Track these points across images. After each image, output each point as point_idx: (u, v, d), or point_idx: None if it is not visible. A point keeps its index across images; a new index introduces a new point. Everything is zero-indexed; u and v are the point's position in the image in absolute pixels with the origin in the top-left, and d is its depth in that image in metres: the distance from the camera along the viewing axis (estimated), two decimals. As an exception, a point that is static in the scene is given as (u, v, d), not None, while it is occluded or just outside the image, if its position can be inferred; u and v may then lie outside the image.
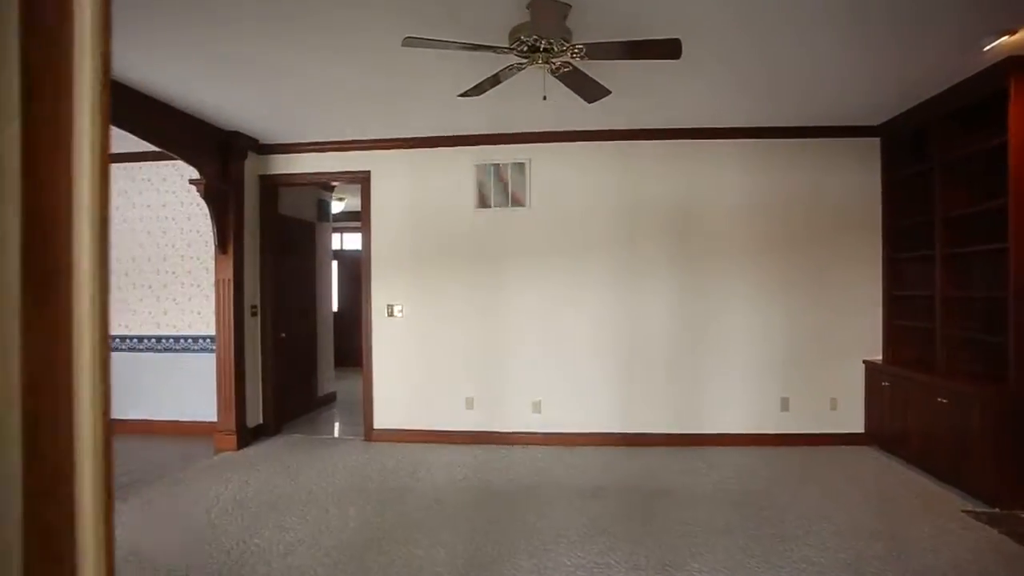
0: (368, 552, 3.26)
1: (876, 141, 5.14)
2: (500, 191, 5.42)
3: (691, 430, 5.29)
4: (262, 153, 5.70)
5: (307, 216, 7.00)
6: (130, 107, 4.24)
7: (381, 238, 5.60)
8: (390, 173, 5.56)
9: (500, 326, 5.44)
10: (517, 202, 5.41)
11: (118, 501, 4.07)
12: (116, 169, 6.05)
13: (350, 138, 5.49)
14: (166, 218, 5.96)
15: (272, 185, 5.80)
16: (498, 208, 5.44)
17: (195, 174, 5.07)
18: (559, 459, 4.96)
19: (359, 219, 5.79)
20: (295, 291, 6.61)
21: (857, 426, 5.22)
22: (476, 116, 4.89)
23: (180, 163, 5.30)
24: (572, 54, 2.88)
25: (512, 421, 5.43)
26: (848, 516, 3.68)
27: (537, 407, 5.40)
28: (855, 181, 5.19)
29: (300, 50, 3.54)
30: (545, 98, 3.04)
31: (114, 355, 6.01)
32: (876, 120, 4.99)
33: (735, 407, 5.28)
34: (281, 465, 4.81)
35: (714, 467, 4.69)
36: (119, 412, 6.05)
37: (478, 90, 3.38)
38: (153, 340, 6.00)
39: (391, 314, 5.58)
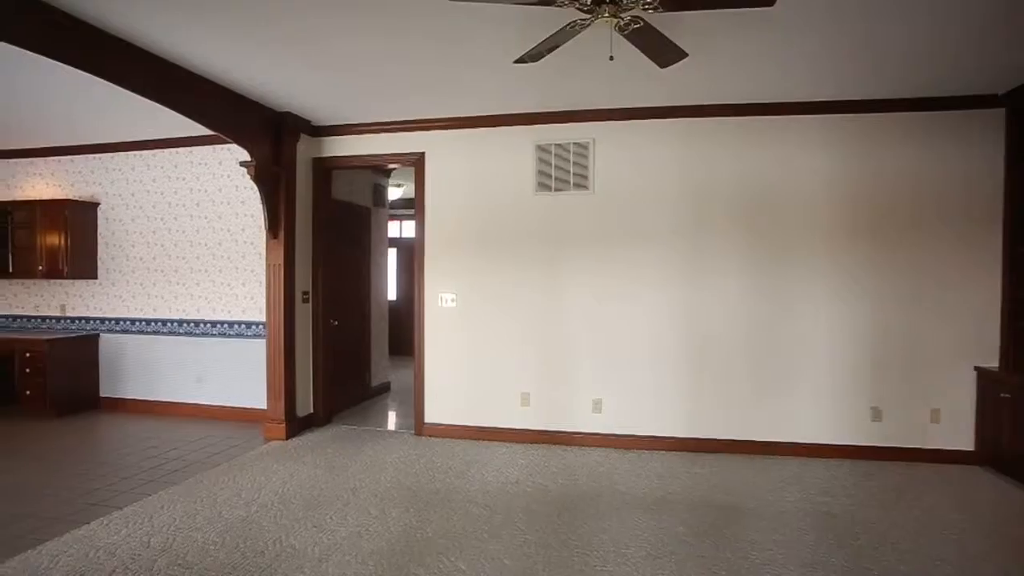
0: (408, 563, 2.98)
1: (1000, 112, 4.43)
2: (562, 174, 5.04)
3: (764, 437, 4.78)
4: (315, 135, 5.52)
5: (362, 201, 6.82)
6: (180, 87, 4.09)
7: (434, 223, 5.33)
8: (445, 154, 5.27)
9: (558, 319, 5.08)
10: (580, 186, 5.01)
11: (165, 487, 3.98)
12: (173, 154, 6.05)
13: (404, 118, 5.23)
14: (222, 202, 5.89)
15: (325, 168, 5.62)
16: (559, 192, 5.05)
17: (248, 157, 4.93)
18: (619, 463, 4.56)
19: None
20: (349, 278, 6.45)
21: (965, 443, 4.56)
22: (534, 93, 4.53)
23: (235, 147, 5.17)
24: (644, 5, 2.47)
25: (570, 420, 5.06)
26: (965, 556, 3.13)
27: (597, 406, 5.01)
28: (969, 161, 4.50)
29: (353, 24, 3.27)
30: (612, 58, 2.64)
31: (172, 338, 6.05)
32: (1002, 87, 4.28)
33: (816, 415, 4.73)
34: (327, 458, 4.63)
35: (794, 481, 4.18)
36: (175, 395, 6.07)
37: (535, 55, 3.01)
38: (208, 325, 5.97)
39: (444, 304, 5.30)
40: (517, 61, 3.12)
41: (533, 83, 4.27)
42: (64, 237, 6.10)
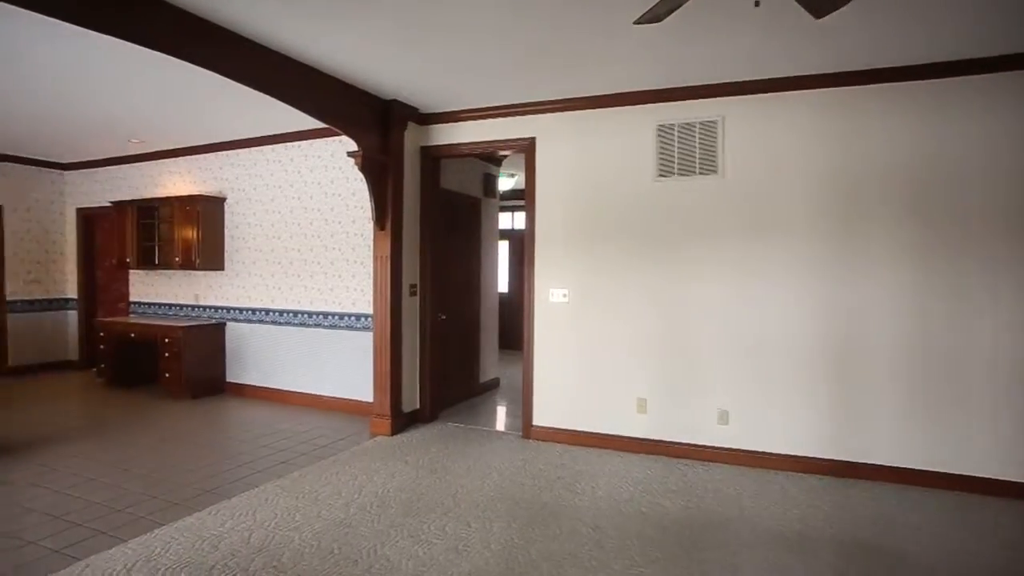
0: (506, 590, 2.68)
1: None
2: (686, 157, 4.51)
3: (927, 465, 3.98)
4: (423, 123, 5.37)
5: (472, 191, 6.63)
6: (290, 78, 4.05)
7: (545, 212, 4.99)
8: (557, 139, 4.91)
9: (681, 319, 4.56)
10: (707, 170, 4.46)
11: (272, 479, 3.98)
12: (289, 148, 6.17)
13: (514, 101, 4.92)
14: (333, 195, 5.93)
15: (433, 157, 5.46)
16: (683, 177, 4.53)
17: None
18: (749, 484, 4.00)
19: (522, 193, 5.24)
20: (458, 270, 6.29)
21: None
22: (655, 67, 4.05)
23: (346, 138, 5.13)
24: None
25: (691, 431, 4.54)
26: None
27: (723, 417, 4.45)
28: None
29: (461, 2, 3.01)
30: (758, 3, 2.15)
31: (288, 329, 6.18)
32: None
33: (1007, 442, 3.86)
34: (430, 458, 4.46)
35: (985, 528, 3.41)
36: (291, 383, 6.22)
37: (658, 15, 2.56)
38: (321, 316, 6.04)
39: (555, 299, 4.96)
40: (637, 22, 2.68)
41: (656, 53, 3.80)
42: (196, 231, 6.43)
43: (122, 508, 3.55)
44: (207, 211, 6.48)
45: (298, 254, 6.16)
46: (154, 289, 7.38)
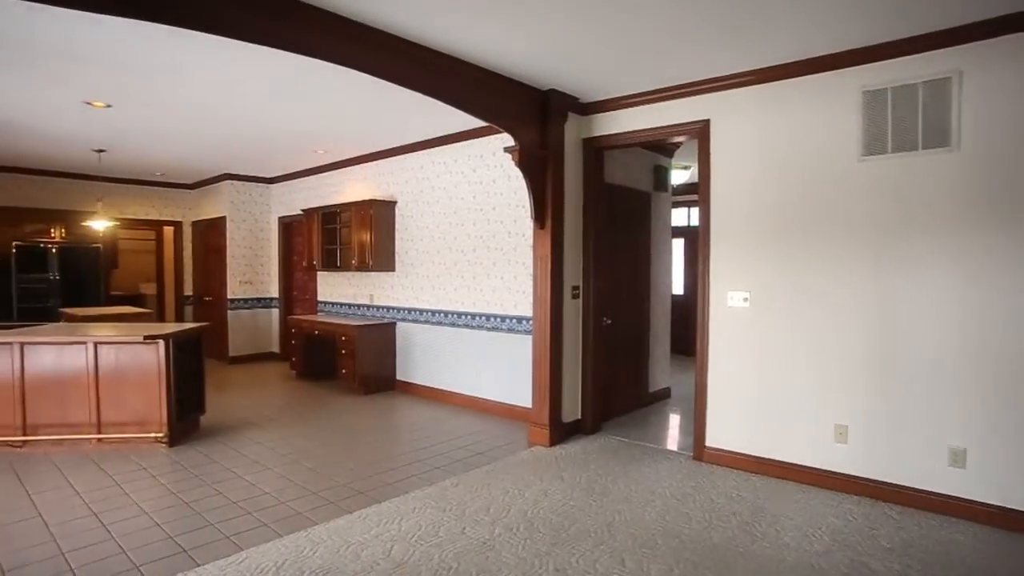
0: (664, 656, 2.20)
1: None
2: (903, 127, 3.60)
3: None
4: (583, 113, 5.00)
5: (641, 185, 6.11)
6: (443, 75, 3.92)
7: (723, 204, 4.34)
8: (734, 119, 4.24)
9: (893, 327, 3.65)
10: (934, 143, 3.51)
11: (423, 485, 3.87)
12: (453, 149, 6.17)
13: (684, 80, 4.35)
14: (495, 193, 5.79)
15: (596, 149, 5.07)
16: (899, 153, 3.62)
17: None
18: (1001, 552, 3.03)
19: (694, 182, 4.63)
20: (625, 271, 5.82)
21: None
22: (859, 22, 3.25)
23: (508, 136, 4.95)
24: None
25: (911, 471, 3.61)
26: None
27: (958, 458, 3.46)
28: None
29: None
30: None
31: (452, 330, 6.16)
32: None
33: None
34: (588, 477, 4.07)
35: None
36: (454, 384, 6.21)
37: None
38: (482, 318, 5.94)
39: (734, 303, 4.29)
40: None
41: (858, 7, 3.03)
42: (369, 234, 6.72)
43: (286, 500, 3.66)
44: (379, 215, 6.75)
45: (461, 255, 6.14)
46: (337, 289, 7.90)
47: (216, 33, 2.97)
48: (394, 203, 6.89)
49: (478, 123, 5.56)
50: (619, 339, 5.67)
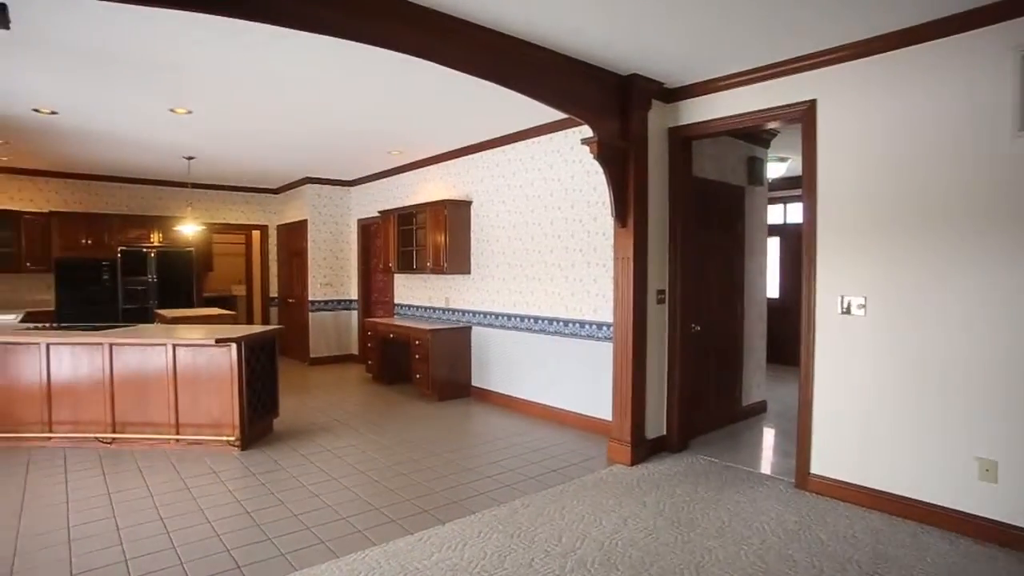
0: None
1: None
2: (1070, 97, 2.94)
3: None
4: (668, 100, 4.56)
5: (733, 179, 5.57)
6: (512, 60, 3.62)
7: (832, 198, 3.78)
8: (847, 97, 3.66)
9: (1061, 342, 2.99)
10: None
11: (492, 505, 3.59)
12: (530, 145, 5.89)
13: (783, 57, 3.83)
14: (573, 190, 5.44)
15: (683, 139, 4.61)
16: (1066, 128, 2.97)
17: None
18: None
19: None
20: (715, 273, 5.31)
21: None
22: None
23: (587, 128, 4.59)
24: None
25: (1082, 517, 2.94)
26: None
27: None
28: None
29: None
30: None
31: (529, 335, 5.84)
32: None
33: None
34: (674, 504, 3.63)
35: None
36: (529, 393, 5.91)
37: None
38: (561, 323, 5.60)
39: (846, 310, 3.72)
40: None
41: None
42: (444, 235, 6.54)
43: (347, 515, 3.48)
44: (454, 215, 6.55)
45: (538, 256, 5.82)
46: (413, 292, 7.80)
47: (277, 23, 2.83)
48: (469, 203, 6.68)
49: (555, 116, 5.26)
50: (709, 347, 5.17)
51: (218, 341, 4.59)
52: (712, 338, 5.20)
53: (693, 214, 4.79)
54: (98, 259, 8.06)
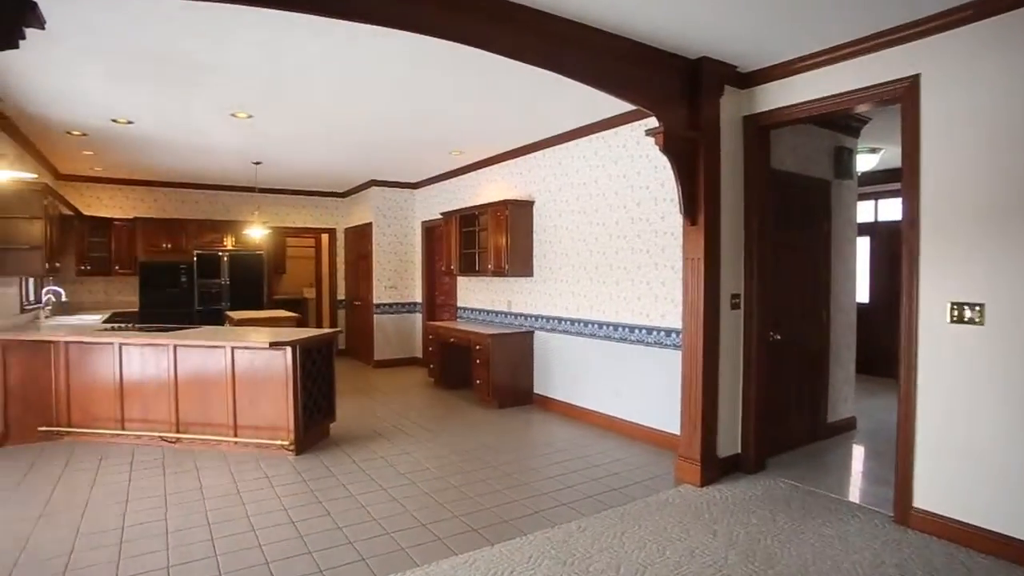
0: None
1: None
2: None
3: None
4: (743, 85, 4.15)
5: (818, 172, 5.06)
6: (565, 43, 3.36)
7: (938, 188, 3.27)
8: (956, 70, 3.15)
9: None
10: None
11: (544, 527, 3.33)
12: (593, 140, 5.61)
13: (880, 28, 3.36)
14: (640, 187, 5.09)
15: (760, 128, 4.19)
16: None
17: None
18: None
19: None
20: (797, 276, 4.82)
21: None
22: None
23: (654, 120, 4.26)
24: None
25: None
26: None
27: None
28: None
29: None
30: None
31: (593, 342, 5.58)
32: None
33: None
34: (748, 535, 3.24)
35: None
36: (594, 402, 5.61)
37: None
38: (626, 329, 5.25)
39: (957, 318, 3.20)
40: None
41: None
42: (505, 236, 6.33)
43: (393, 531, 3.31)
44: (515, 216, 6.33)
45: (602, 257, 5.51)
46: (475, 295, 7.64)
47: (310, 11, 2.70)
48: (531, 203, 6.44)
49: (619, 109, 4.95)
50: (790, 357, 4.69)
51: (272, 345, 4.56)
52: (794, 347, 4.72)
53: (772, 210, 4.35)
54: (176, 262, 8.41)
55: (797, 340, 4.77)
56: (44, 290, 6.49)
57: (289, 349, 4.59)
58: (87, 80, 4.30)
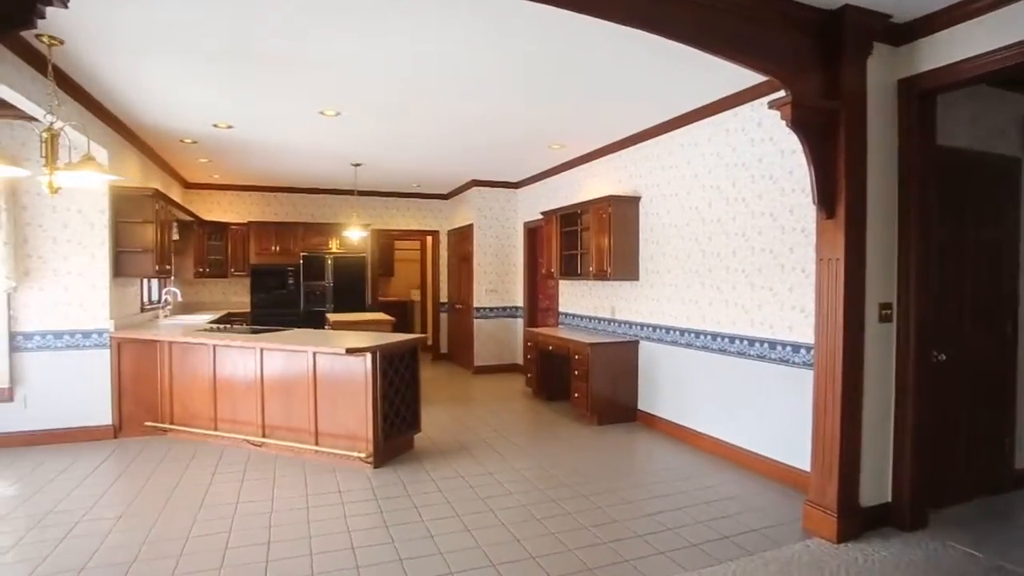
0: None
1: None
2: None
3: None
4: (897, 41, 3.30)
5: (1002, 148, 4.00)
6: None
7: None
8: None
9: None
10: None
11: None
12: (706, 125, 4.96)
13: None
14: (763, 176, 4.33)
15: (921, 93, 3.31)
16: None
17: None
18: None
19: None
20: (971, 281, 3.83)
21: None
22: None
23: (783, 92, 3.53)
24: None
25: None
26: None
27: None
28: None
29: None
30: None
31: (704, 355, 4.84)
32: None
33: None
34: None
35: None
36: (704, 424, 4.90)
37: None
38: (744, 342, 4.50)
39: None
40: None
41: None
42: (607, 236, 5.75)
43: (456, 571, 2.88)
44: (618, 213, 5.73)
45: (717, 259, 4.78)
46: (577, 300, 7.11)
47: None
48: (637, 199, 5.81)
49: (735, 87, 4.27)
50: (959, 383, 3.73)
51: (349, 351, 4.32)
52: (965, 370, 3.75)
53: (937, 198, 3.45)
54: (284, 264, 8.63)
55: (970, 361, 3.78)
56: (164, 290, 6.82)
57: (369, 355, 4.33)
58: (181, 84, 4.32)
